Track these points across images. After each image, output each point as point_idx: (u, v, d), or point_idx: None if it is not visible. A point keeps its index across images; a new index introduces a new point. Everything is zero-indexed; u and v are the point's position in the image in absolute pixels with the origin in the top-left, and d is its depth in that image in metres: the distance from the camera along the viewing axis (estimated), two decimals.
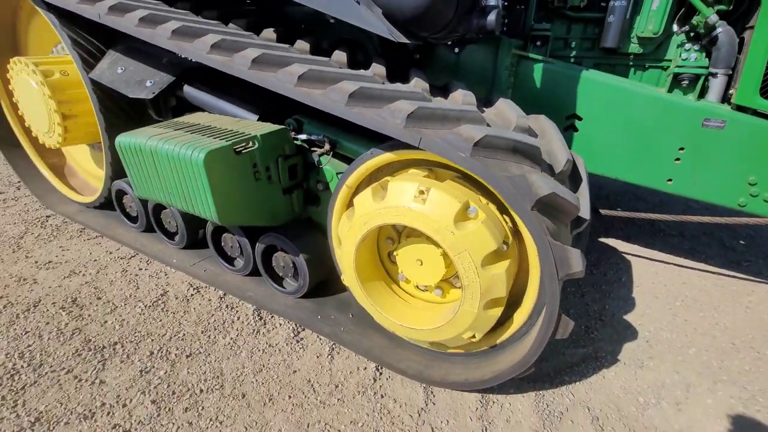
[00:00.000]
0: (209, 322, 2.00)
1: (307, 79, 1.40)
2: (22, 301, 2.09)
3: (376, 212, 1.39)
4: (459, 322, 1.39)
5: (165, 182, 1.67)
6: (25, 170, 3.17)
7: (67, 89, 2.46)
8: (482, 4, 1.62)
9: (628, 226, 3.28)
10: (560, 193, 1.21)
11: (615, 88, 2.05)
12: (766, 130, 1.79)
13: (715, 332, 2.10)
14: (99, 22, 1.96)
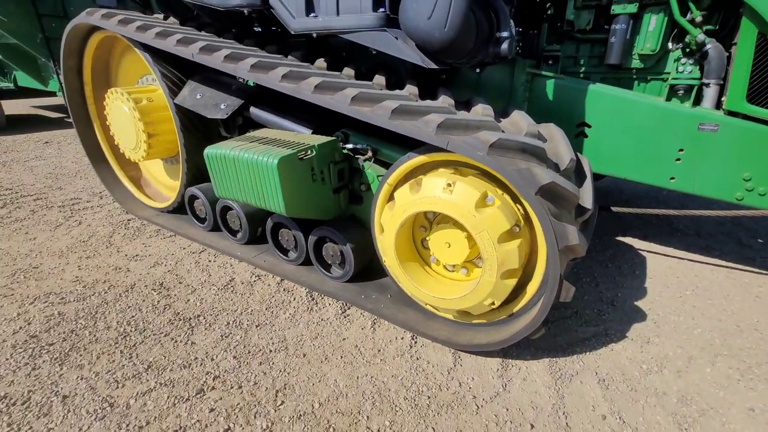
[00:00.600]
0: (271, 302, 2.39)
1: (358, 99, 1.80)
2: (120, 284, 2.57)
3: (413, 202, 1.75)
4: (481, 290, 1.71)
5: (243, 183, 2.10)
6: (110, 181, 3.75)
7: (152, 113, 2.99)
8: (497, 35, 1.99)
9: (647, 226, 3.47)
10: (559, 182, 1.53)
11: (619, 98, 2.34)
12: (755, 131, 2.03)
13: (722, 316, 2.29)
14: (182, 58, 2.47)
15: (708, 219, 3.61)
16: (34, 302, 2.38)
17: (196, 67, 2.78)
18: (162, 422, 1.61)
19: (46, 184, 4.54)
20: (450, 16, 1.71)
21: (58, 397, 1.72)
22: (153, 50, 2.73)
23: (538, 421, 1.63)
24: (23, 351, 1.98)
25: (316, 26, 2.21)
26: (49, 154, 5.89)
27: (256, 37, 2.84)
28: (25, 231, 3.34)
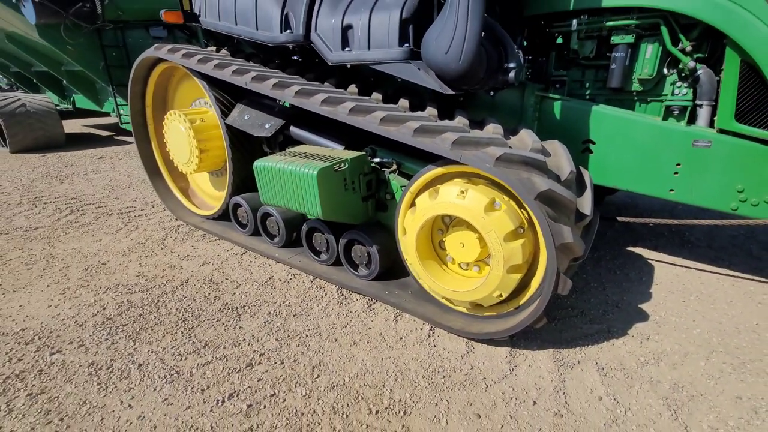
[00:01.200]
0: (306, 296, 2.71)
1: (386, 120, 2.14)
2: (176, 279, 2.96)
3: (432, 207, 2.05)
4: (490, 282, 1.97)
5: (286, 191, 2.46)
6: (163, 192, 4.23)
7: (204, 131, 3.44)
8: (505, 65, 2.30)
9: (658, 238, 3.62)
10: (557, 190, 1.79)
11: (621, 118, 2.59)
12: (744, 147, 2.23)
13: (722, 319, 2.45)
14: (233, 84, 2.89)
15: (721, 232, 3.72)
16: (106, 292, 2.79)
17: (244, 92, 3.22)
18: (220, 387, 1.93)
19: (104, 194, 5.09)
20: (464, 51, 2.04)
21: (134, 365, 2.08)
22: (209, 78, 3.19)
23: (540, 399, 1.85)
24: (102, 329, 2.37)
25: (350, 58, 2.59)
26: (104, 168, 6.54)
27: (296, 66, 3.25)
28: (92, 234, 3.82)
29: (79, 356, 2.15)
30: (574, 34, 2.66)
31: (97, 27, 5.84)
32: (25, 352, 2.19)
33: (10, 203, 4.75)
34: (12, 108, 7.50)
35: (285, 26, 2.76)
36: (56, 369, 2.06)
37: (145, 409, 1.81)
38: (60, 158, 7.29)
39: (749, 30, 2.02)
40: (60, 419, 1.76)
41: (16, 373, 2.03)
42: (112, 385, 1.95)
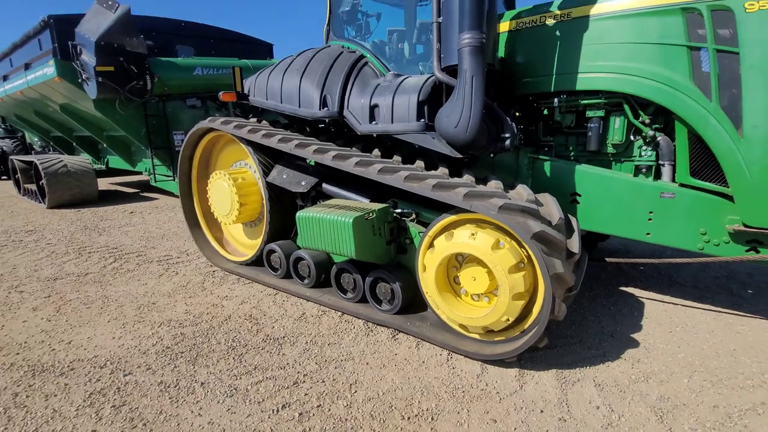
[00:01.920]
0: (336, 328, 3.09)
1: (409, 178, 2.68)
2: (220, 315, 3.35)
3: (448, 247, 2.52)
4: (498, 308, 2.38)
5: (324, 236, 2.95)
6: (200, 241, 4.72)
7: (244, 188, 4.01)
8: (501, 135, 2.89)
9: (648, 279, 4.02)
10: (548, 231, 2.27)
11: (600, 175, 3.13)
12: (701, 197, 2.74)
13: (704, 346, 2.79)
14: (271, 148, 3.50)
15: (706, 274, 4.12)
16: (161, 326, 3.17)
17: (281, 155, 3.84)
18: (273, 399, 2.27)
19: (142, 244, 5.59)
20: (470, 125, 2.63)
21: (197, 383, 2.43)
22: (254, 144, 3.82)
23: (546, 408, 2.18)
24: (164, 356, 2.73)
25: (376, 129, 3.21)
26: (136, 221, 7.11)
27: (327, 134, 3.90)
28: (137, 278, 4.26)
29: (149, 377, 2.50)
30: (557, 109, 3.30)
31: (144, 100, 6.73)
32: (101, 374, 2.54)
33: (58, 253, 5.24)
34: (55, 168, 8.26)
35: (323, 105, 3.43)
36: (131, 387, 2.41)
37: (213, 416, 2.15)
38: (94, 213, 7.90)
39: (690, 109, 2.62)
40: (143, 425, 2.09)
41: (98, 390, 2.38)
42: (181, 398, 2.29)
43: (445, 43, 2.87)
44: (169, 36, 7.64)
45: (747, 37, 2.38)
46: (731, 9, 2.42)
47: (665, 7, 2.64)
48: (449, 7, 2.77)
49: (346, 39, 3.98)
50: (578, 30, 3.03)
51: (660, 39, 2.70)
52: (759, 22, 2.33)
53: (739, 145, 2.46)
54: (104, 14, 5.85)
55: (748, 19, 2.38)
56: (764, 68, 2.35)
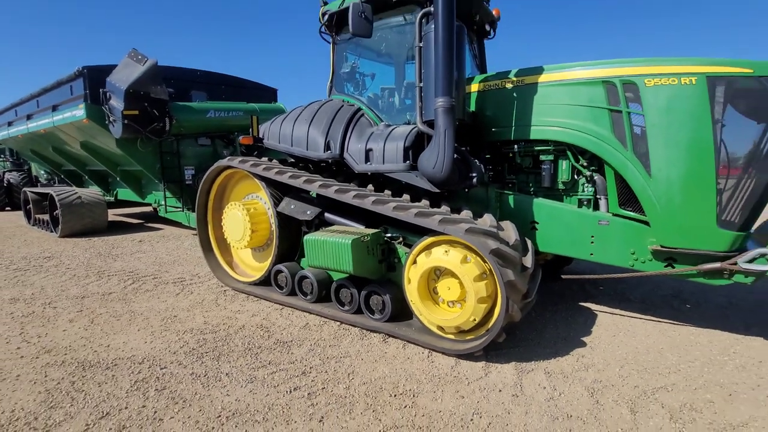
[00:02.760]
0: (336, 334, 3.65)
1: (397, 208, 3.36)
2: (235, 325, 3.89)
3: (428, 262, 3.16)
4: (467, 311, 2.99)
5: (326, 255, 3.58)
6: (213, 264, 5.30)
7: (256, 217, 4.66)
8: (470, 174, 3.62)
9: (603, 297, 4.66)
10: (503, 248, 2.94)
11: (552, 206, 3.85)
12: (628, 224, 3.44)
13: (638, 346, 3.40)
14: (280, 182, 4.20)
15: (654, 293, 4.78)
16: (185, 333, 3.70)
17: (289, 188, 4.53)
18: (286, 384, 2.81)
19: (155, 269, 6.13)
20: (444, 166, 3.35)
21: (222, 373, 2.96)
22: (266, 179, 4.51)
23: (504, 388, 2.75)
24: (191, 355, 3.26)
25: (371, 169, 3.93)
26: (146, 249, 7.65)
27: (329, 172, 4.62)
28: (157, 297, 4.79)
29: (181, 369, 3.03)
30: (517, 153, 4.07)
31: (162, 139, 7.48)
32: (141, 368, 3.06)
33: (79, 276, 5.75)
34: (70, 200, 8.85)
35: (326, 148, 4.17)
36: (168, 376, 2.93)
37: (238, 396, 2.68)
38: (105, 241, 8.43)
39: (613, 156, 3.38)
40: (183, 401, 2.62)
41: (141, 379, 2.90)
42: (211, 384, 2.82)
43: (425, 102, 3.65)
44: (187, 83, 8.53)
45: (648, 104, 3.19)
46: (636, 83, 3.24)
47: (591, 80, 3.47)
48: (427, 75, 3.58)
49: (345, 94, 4.80)
50: (530, 93, 3.85)
51: (589, 103, 3.50)
52: (654, 93, 3.15)
53: (649, 183, 3.21)
54: (134, 66, 6.70)
55: (647, 91, 3.19)
56: (661, 126, 3.13)
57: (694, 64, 3.03)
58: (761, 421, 2.40)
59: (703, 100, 2.97)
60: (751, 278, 3.00)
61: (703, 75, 2.98)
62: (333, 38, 4.81)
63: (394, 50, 4.91)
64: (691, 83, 3.01)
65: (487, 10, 4.71)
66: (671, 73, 3.09)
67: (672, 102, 3.09)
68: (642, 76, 3.22)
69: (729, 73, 2.92)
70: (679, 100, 3.06)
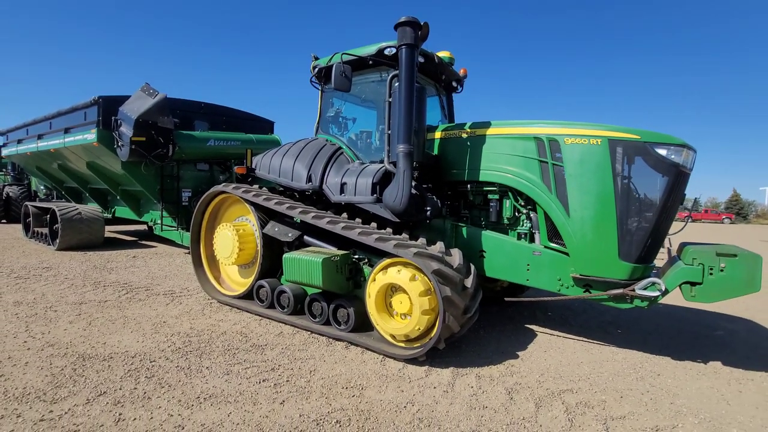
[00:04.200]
0: (306, 341, 4.19)
1: (362, 233, 4.01)
2: (217, 331, 4.42)
3: (384, 279, 3.78)
4: (413, 321, 3.58)
5: (301, 271, 4.18)
6: (202, 278, 5.85)
7: (244, 237, 5.28)
8: (425, 209, 4.32)
9: (549, 321, 5.26)
10: (444, 269, 3.57)
11: (497, 238, 4.52)
12: (555, 255, 4.11)
13: (561, 359, 3.98)
14: (267, 208, 4.85)
15: (594, 320, 5.39)
16: (172, 336, 4.22)
17: (275, 213, 5.18)
18: (257, 377, 3.34)
19: (147, 281, 6.64)
20: (402, 200, 4.04)
21: (203, 367, 3.49)
22: (255, 204, 5.17)
23: (438, 386, 3.30)
24: (177, 353, 3.78)
25: (344, 199, 4.62)
26: (140, 264, 8.15)
27: (309, 201, 5.30)
28: (149, 305, 5.30)
29: (168, 363, 3.55)
30: (470, 192, 4.78)
31: (164, 164, 8.17)
32: (133, 361, 3.57)
33: (77, 285, 6.24)
34: (71, 215, 9.40)
35: (308, 180, 4.87)
36: (156, 367, 3.45)
37: (215, 384, 3.21)
38: (100, 256, 8.91)
39: (541, 198, 4.10)
40: (168, 385, 3.14)
41: (133, 368, 3.41)
42: (192, 374, 3.35)
43: (391, 146, 4.39)
44: (191, 113, 9.34)
45: (566, 158, 3.94)
46: (558, 141, 4.01)
47: (525, 135, 4.24)
48: (394, 124, 4.34)
49: (329, 134, 5.56)
50: (480, 143, 4.62)
51: (524, 154, 4.26)
52: (571, 149, 3.91)
53: (568, 221, 3.91)
54: (145, 99, 7.49)
55: (566, 147, 3.96)
56: (576, 176, 3.87)
57: (600, 129, 3.82)
58: (637, 415, 2.98)
59: (606, 157, 3.73)
60: (646, 302, 3.65)
61: (606, 138, 3.75)
62: (321, 87, 5.63)
63: (374, 98, 5.72)
64: (597, 144, 3.78)
65: (452, 71, 5.58)
66: (583, 134, 3.86)
67: (584, 157, 3.85)
68: (562, 135, 4.00)
69: (624, 137, 3.70)
70: (589, 155, 3.82)
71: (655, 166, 3.65)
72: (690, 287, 3.53)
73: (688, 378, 3.66)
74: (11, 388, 3.04)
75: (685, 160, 3.63)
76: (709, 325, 5.29)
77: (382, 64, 4.88)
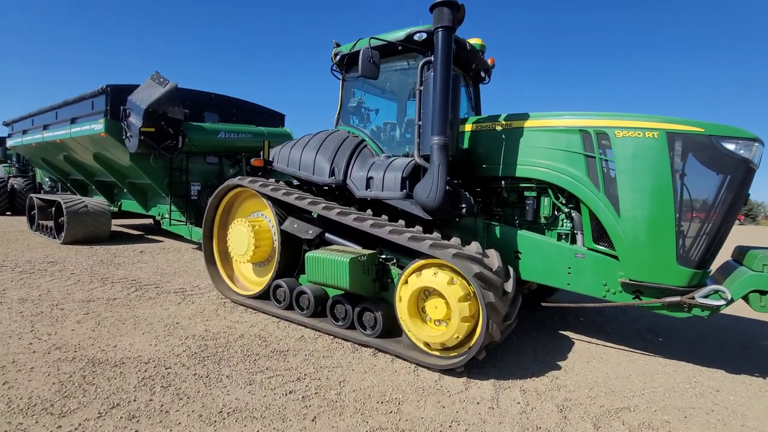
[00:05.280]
0: (330, 347, 3.90)
1: (392, 232, 3.71)
2: (234, 334, 4.13)
3: (418, 282, 3.48)
4: (451, 328, 3.28)
5: (325, 272, 3.89)
6: (215, 276, 5.56)
7: (260, 233, 4.99)
8: (459, 206, 4.01)
9: (583, 327, 4.95)
10: (486, 273, 3.27)
11: (533, 238, 4.21)
12: (601, 258, 3.80)
13: (609, 371, 3.68)
14: (285, 202, 4.55)
15: (629, 326, 5.08)
16: (187, 339, 3.94)
17: (294, 208, 4.89)
18: (282, 388, 3.05)
19: (157, 278, 6.37)
20: (437, 197, 3.73)
21: (223, 375, 3.20)
22: (272, 199, 4.87)
23: (482, 401, 3.01)
24: (194, 359, 3.50)
25: (370, 195, 4.31)
26: (147, 259, 7.88)
27: (330, 195, 5.00)
28: (159, 304, 5.02)
29: (184, 370, 3.27)
30: (504, 189, 4.47)
31: (173, 156, 7.88)
32: (147, 367, 3.29)
33: (84, 281, 5.98)
34: (77, 208, 9.14)
35: (331, 174, 4.56)
36: (173, 375, 3.17)
37: (238, 395, 2.92)
38: (107, 250, 8.65)
39: (587, 196, 3.78)
40: (187, 397, 2.86)
41: (147, 376, 3.13)
42: (212, 384, 3.06)
43: (423, 138, 4.08)
44: (201, 104, 9.04)
45: (617, 152, 3.62)
46: (608, 134, 3.69)
47: (569, 128, 3.92)
48: (425, 115, 4.02)
49: (351, 126, 5.24)
50: (516, 136, 4.30)
51: (567, 148, 3.94)
52: (623, 143, 3.58)
53: (618, 221, 3.59)
54: (155, 87, 7.19)
55: (618, 141, 3.63)
56: (629, 173, 3.55)
57: (656, 121, 3.48)
58: None
59: (664, 152, 3.40)
60: (707, 312, 3.34)
61: (663, 131, 3.42)
62: (343, 76, 5.31)
63: (397, 89, 5.40)
64: (653, 137, 3.45)
65: (482, 59, 5.24)
66: (637, 127, 3.54)
67: (638, 152, 3.52)
68: (613, 128, 3.67)
69: (684, 130, 3.37)
70: (644, 150, 3.50)
71: (720, 161, 3.32)
72: (759, 296, 3.21)
73: (751, 395, 3.35)
74: (15, 397, 2.77)
75: (754, 156, 3.30)
76: (754, 334, 4.97)
77: (411, 51, 4.55)
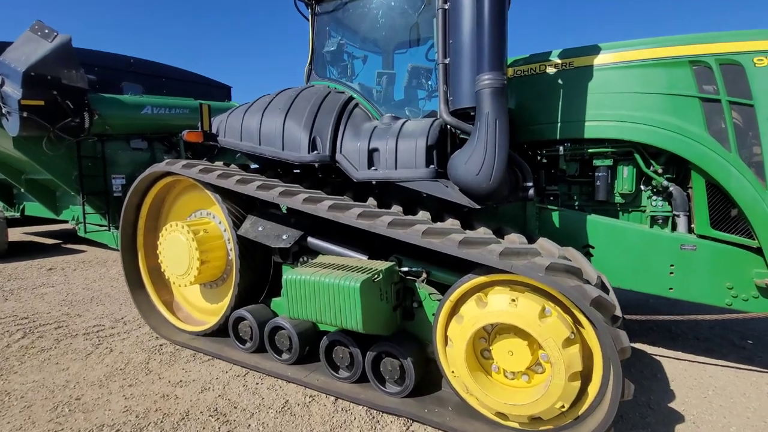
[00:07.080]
0: (332, 422, 2.44)
1: (428, 233, 2.27)
2: (174, 412, 2.55)
3: (482, 315, 2.09)
4: (551, 393, 1.94)
5: (321, 304, 2.39)
6: (144, 307, 3.86)
7: (207, 242, 3.36)
8: (524, 185, 2.64)
9: (649, 333, 3.84)
10: (603, 295, 1.94)
11: (612, 225, 2.95)
12: (724, 250, 2.61)
13: (747, 414, 2.54)
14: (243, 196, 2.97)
15: (701, 324, 4.04)
16: None
17: (254, 204, 3.29)
18: None
19: (63, 311, 4.52)
20: (494, 173, 2.33)
21: None
22: (222, 191, 3.23)
23: None
24: None
25: (376, 176, 2.82)
26: (56, 280, 5.89)
27: (310, 180, 3.43)
28: (55, 361, 3.28)
29: None
30: (561, 157, 3.15)
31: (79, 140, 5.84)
32: None
33: None
34: None
35: (312, 148, 2.99)
36: None
37: None
38: (0, 271, 6.49)
39: (708, 159, 2.55)
40: None
41: None
42: None
43: (454, 85, 2.63)
44: (116, 72, 6.92)
45: (760, 91, 2.38)
46: (741, 63, 2.44)
47: (673, 59, 2.63)
48: (459, 47, 2.57)
49: (329, 79, 3.67)
50: (581, 79, 2.96)
51: (668, 90, 2.66)
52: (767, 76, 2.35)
53: (765, 195, 2.39)
54: (38, 42, 5.09)
55: (758, 74, 2.40)
56: None
57: None
58: None
59: None
60: None
61: None
62: (312, 7, 3.68)
63: (380, 32, 3.88)
64: None
65: None
66: None
67: None
68: (749, 53, 2.43)
69: None
70: None
71: None
72: None
73: None
74: None
75: None
76: None
77: None
